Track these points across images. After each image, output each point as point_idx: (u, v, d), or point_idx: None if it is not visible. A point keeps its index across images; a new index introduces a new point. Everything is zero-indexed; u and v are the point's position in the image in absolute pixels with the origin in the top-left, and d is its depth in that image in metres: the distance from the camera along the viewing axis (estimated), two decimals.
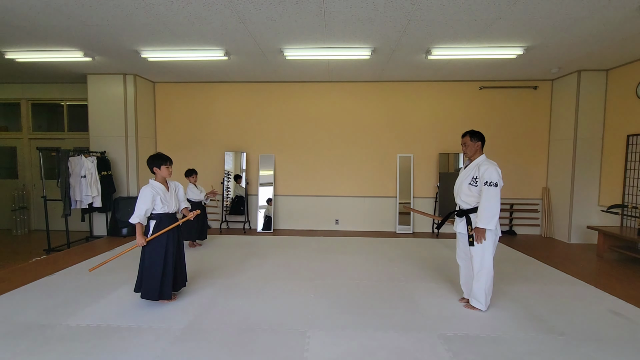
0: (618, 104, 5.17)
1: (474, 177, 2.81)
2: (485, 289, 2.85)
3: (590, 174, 5.47)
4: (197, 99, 6.39)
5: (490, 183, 2.67)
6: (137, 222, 2.85)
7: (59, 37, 4.13)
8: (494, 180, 2.67)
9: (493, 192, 2.66)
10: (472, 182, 2.82)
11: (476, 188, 2.80)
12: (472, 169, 2.85)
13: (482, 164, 2.79)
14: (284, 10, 3.38)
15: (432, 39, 4.10)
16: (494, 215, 2.68)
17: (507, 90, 6.06)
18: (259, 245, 5.19)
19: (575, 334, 2.57)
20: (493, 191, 2.66)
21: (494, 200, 2.66)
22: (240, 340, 2.45)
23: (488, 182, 2.68)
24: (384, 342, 2.44)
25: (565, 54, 4.60)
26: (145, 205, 2.86)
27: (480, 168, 2.77)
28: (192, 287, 3.41)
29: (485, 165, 2.75)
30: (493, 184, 2.67)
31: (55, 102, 6.61)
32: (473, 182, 2.82)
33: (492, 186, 2.67)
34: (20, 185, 6.58)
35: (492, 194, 2.66)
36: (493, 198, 2.66)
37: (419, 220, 6.27)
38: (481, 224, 2.71)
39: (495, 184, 2.66)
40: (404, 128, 6.22)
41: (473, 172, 2.83)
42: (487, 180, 2.69)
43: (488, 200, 2.67)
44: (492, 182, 2.67)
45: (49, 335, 2.49)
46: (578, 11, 3.33)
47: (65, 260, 4.35)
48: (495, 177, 2.68)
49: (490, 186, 2.67)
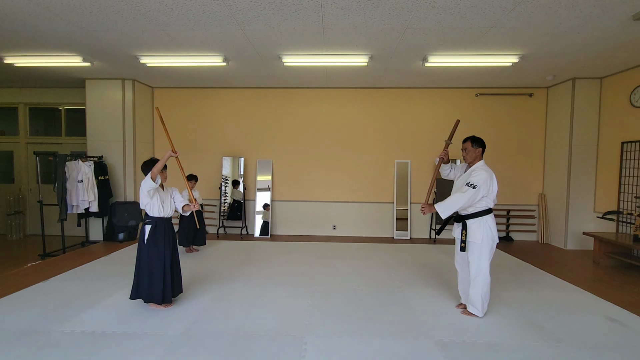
0: (612, 112, 5.23)
1: (469, 183, 2.84)
2: (482, 295, 2.85)
3: (585, 180, 5.52)
4: (196, 105, 6.41)
5: (472, 184, 2.73)
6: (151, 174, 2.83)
7: (58, 42, 4.15)
8: (475, 183, 2.73)
9: (468, 192, 2.72)
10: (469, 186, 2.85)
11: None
12: (469, 174, 2.88)
13: (477, 169, 2.84)
14: (282, 18, 3.42)
15: (429, 46, 4.15)
16: (452, 208, 2.77)
17: (503, 98, 6.13)
18: (256, 250, 5.18)
19: (571, 341, 2.58)
20: (468, 191, 2.72)
21: (462, 199, 2.73)
22: (237, 347, 2.44)
23: (470, 183, 2.75)
24: (381, 349, 2.43)
25: (560, 62, 4.66)
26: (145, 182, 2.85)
27: (472, 173, 2.82)
28: (188, 293, 3.39)
29: (476, 170, 2.81)
30: (473, 185, 2.73)
31: (53, 107, 6.61)
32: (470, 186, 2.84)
33: (471, 188, 2.72)
34: (16, 190, 6.54)
35: (467, 193, 2.72)
36: (462, 197, 2.73)
37: (416, 226, 6.28)
38: (438, 206, 2.80)
39: (474, 186, 2.72)
40: (401, 134, 6.26)
41: (469, 177, 2.86)
42: (469, 181, 2.76)
43: (459, 196, 2.75)
44: (472, 184, 2.73)
45: (43, 342, 2.46)
46: (571, 20, 3.39)
47: (60, 265, 4.31)
48: (479, 180, 2.73)
49: (470, 186, 2.73)
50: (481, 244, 2.79)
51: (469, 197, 2.72)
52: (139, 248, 2.97)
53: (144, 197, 2.90)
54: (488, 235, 2.80)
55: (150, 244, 2.92)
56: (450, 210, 2.79)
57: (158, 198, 2.95)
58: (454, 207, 2.78)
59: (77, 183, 5.19)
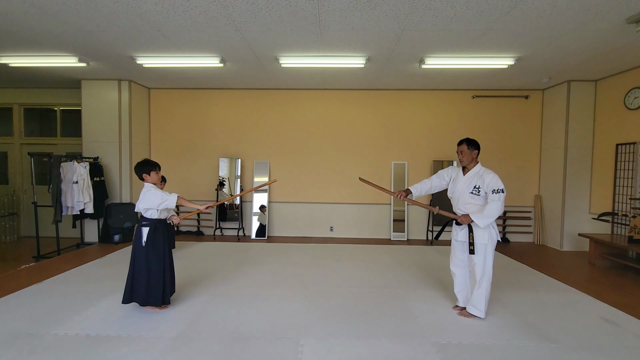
0: (607, 114, 5.27)
1: (476, 187, 2.85)
2: (486, 297, 2.86)
3: (581, 182, 5.55)
4: (192, 105, 6.39)
5: (499, 190, 2.75)
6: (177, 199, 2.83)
7: (54, 43, 4.12)
8: (500, 187, 2.76)
9: (502, 199, 2.74)
10: (474, 191, 2.86)
11: (479, 197, 2.85)
12: (472, 178, 2.89)
13: (485, 173, 2.85)
14: (279, 19, 3.42)
15: (426, 48, 4.17)
16: (495, 217, 2.77)
17: (500, 99, 6.16)
18: (252, 252, 5.15)
19: (567, 342, 2.58)
20: (502, 198, 2.74)
21: (500, 206, 2.74)
22: (233, 349, 2.42)
23: (496, 189, 2.76)
24: (378, 351, 2.42)
25: (555, 64, 4.70)
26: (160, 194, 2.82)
27: (485, 178, 2.82)
28: (183, 295, 3.37)
29: (489, 175, 2.82)
30: (501, 190, 2.75)
31: (49, 107, 6.56)
32: (475, 191, 2.85)
33: (500, 193, 2.74)
34: (10, 191, 6.48)
35: (502, 200, 2.74)
36: (500, 205, 2.74)
37: (413, 228, 6.29)
38: (478, 220, 2.77)
39: (503, 191, 2.75)
40: (398, 135, 6.27)
41: (474, 181, 2.87)
42: (494, 188, 2.76)
43: (496, 204, 2.74)
44: (500, 189, 2.75)
45: (36, 345, 2.43)
46: (566, 23, 3.42)
47: (54, 267, 4.27)
48: (501, 184, 2.77)
49: (498, 193, 2.74)
50: (487, 245, 2.82)
51: (503, 203, 2.75)
52: (135, 251, 2.92)
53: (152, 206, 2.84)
54: (492, 235, 2.83)
55: (149, 246, 2.88)
56: (492, 220, 2.78)
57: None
58: (495, 217, 2.78)
59: (72, 184, 5.15)
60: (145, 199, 2.83)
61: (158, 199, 2.81)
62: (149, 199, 2.82)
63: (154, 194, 2.83)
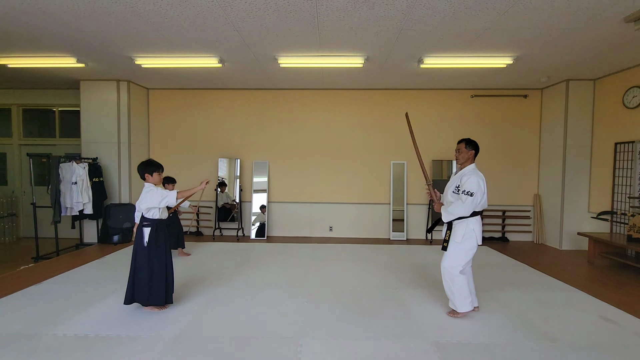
0: (605, 113, 5.28)
1: (457, 186, 2.88)
2: (453, 290, 2.89)
3: (580, 181, 5.56)
4: (191, 106, 6.39)
5: (469, 192, 2.75)
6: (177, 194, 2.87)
7: (52, 44, 4.11)
8: (471, 190, 2.75)
9: (468, 202, 2.74)
10: (455, 190, 2.90)
11: (458, 196, 2.87)
12: (458, 177, 2.92)
13: (467, 174, 2.85)
14: (277, 19, 3.42)
15: (424, 48, 4.17)
16: (454, 215, 2.83)
17: (498, 99, 6.17)
18: (252, 252, 5.15)
19: (566, 341, 2.59)
20: (467, 200, 2.74)
21: (462, 207, 2.76)
22: (232, 349, 2.42)
23: (466, 191, 2.77)
24: (377, 350, 2.43)
25: (554, 64, 4.70)
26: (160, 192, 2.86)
27: (463, 179, 2.84)
28: (183, 295, 3.37)
29: (467, 176, 2.83)
30: (470, 193, 2.75)
31: (47, 108, 6.56)
32: (456, 190, 2.89)
33: (469, 195, 2.75)
34: (10, 192, 6.47)
35: (467, 202, 2.75)
36: (463, 206, 2.76)
37: (412, 227, 6.29)
38: (443, 214, 2.89)
39: (472, 194, 2.74)
40: (398, 135, 6.27)
41: (457, 180, 2.91)
42: (465, 189, 2.79)
43: (460, 204, 2.78)
44: (470, 192, 2.75)
45: (35, 346, 2.43)
46: (564, 23, 3.42)
47: (53, 268, 4.26)
48: (473, 187, 2.75)
49: (467, 195, 2.76)
50: (460, 242, 2.85)
51: (469, 205, 2.75)
52: (136, 251, 2.92)
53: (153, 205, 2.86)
54: (470, 235, 2.84)
55: (151, 246, 2.89)
56: (452, 218, 2.85)
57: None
58: (455, 215, 2.82)
59: (71, 185, 5.15)
60: (147, 198, 2.86)
61: (159, 197, 2.86)
62: (151, 198, 2.85)
63: (155, 193, 2.87)
